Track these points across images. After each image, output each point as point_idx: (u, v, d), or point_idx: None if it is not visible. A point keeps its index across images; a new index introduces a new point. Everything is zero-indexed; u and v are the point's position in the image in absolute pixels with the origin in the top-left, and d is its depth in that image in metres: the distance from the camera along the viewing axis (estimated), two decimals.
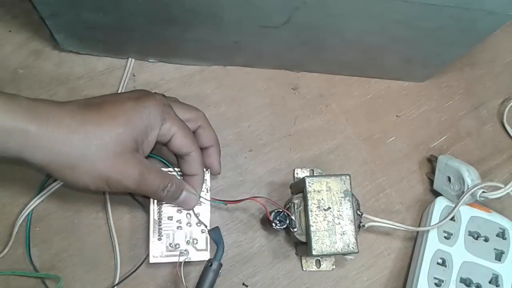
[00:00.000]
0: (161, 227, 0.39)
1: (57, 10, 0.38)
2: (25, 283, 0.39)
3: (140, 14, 0.38)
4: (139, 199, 0.41)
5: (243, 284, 0.41)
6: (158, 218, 0.39)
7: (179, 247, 0.39)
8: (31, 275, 0.39)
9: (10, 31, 0.44)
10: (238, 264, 0.42)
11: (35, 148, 0.30)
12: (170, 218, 0.39)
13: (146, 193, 0.36)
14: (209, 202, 0.40)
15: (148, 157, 0.36)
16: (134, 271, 0.39)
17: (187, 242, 0.39)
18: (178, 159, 0.38)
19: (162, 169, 0.39)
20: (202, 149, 0.39)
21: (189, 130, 0.37)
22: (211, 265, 0.38)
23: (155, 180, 0.35)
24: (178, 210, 0.39)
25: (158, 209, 0.39)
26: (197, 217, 0.39)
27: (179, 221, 0.39)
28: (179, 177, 0.39)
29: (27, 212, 0.40)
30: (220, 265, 0.38)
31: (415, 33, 0.39)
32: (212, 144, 0.39)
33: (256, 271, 0.42)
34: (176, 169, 0.39)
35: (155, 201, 0.39)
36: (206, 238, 0.39)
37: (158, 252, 0.38)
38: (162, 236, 0.39)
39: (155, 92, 0.39)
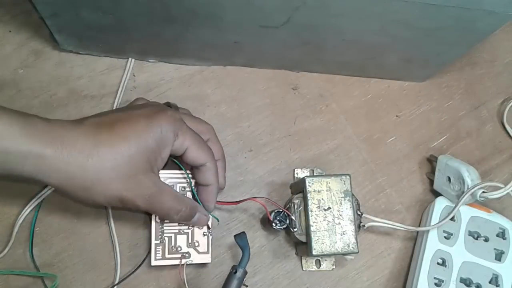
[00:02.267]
0: (162, 229, 0.39)
1: (57, 10, 0.38)
2: (25, 282, 0.39)
3: (140, 14, 0.38)
4: None
5: (243, 284, 0.41)
6: (160, 221, 0.39)
7: (180, 250, 0.39)
8: (28, 274, 0.39)
9: (10, 31, 0.44)
10: None
11: (50, 171, 0.31)
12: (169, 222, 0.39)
13: (159, 214, 0.37)
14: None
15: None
16: (134, 271, 0.40)
17: (189, 245, 0.39)
18: (193, 169, 0.39)
19: (174, 171, 0.39)
20: None
21: (203, 141, 0.37)
22: (235, 272, 0.37)
23: (169, 203, 0.35)
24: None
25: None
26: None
27: (180, 223, 0.39)
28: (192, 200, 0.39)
29: (27, 211, 0.40)
30: (245, 272, 0.37)
31: (415, 33, 0.39)
32: (219, 158, 0.39)
33: (256, 271, 0.42)
34: (190, 174, 0.39)
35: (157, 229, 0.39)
36: (208, 240, 0.39)
37: (159, 254, 0.38)
38: (163, 238, 0.39)
39: (167, 103, 0.39)
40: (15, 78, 0.43)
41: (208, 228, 0.39)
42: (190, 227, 0.39)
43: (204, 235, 0.39)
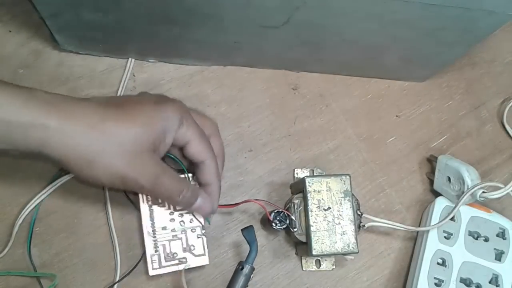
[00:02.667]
0: (155, 238, 0.38)
1: (57, 10, 0.38)
2: (25, 282, 0.39)
3: (140, 14, 0.38)
4: (132, 198, 0.41)
5: None
6: (152, 230, 0.38)
7: (177, 256, 0.38)
8: (28, 274, 0.39)
9: (10, 31, 0.44)
10: None
11: (54, 143, 0.30)
12: (164, 228, 0.39)
13: (162, 196, 0.37)
14: None
15: (164, 156, 0.36)
16: (134, 268, 0.40)
17: (184, 250, 0.39)
18: (194, 168, 0.38)
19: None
20: None
21: (206, 137, 0.37)
22: (242, 268, 0.36)
23: (172, 183, 0.35)
24: (171, 219, 0.39)
25: (151, 221, 0.39)
26: (195, 217, 0.39)
27: (173, 229, 0.39)
28: (194, 183, 0.38)
29: (27, 211, 0.40)
30: (252, 269, 0.36)
31: (415, 33, 0.39)
32: (218, 154, 0.39)
33: (256, 271, 0.42)
34: (190, 174, 0.39)
35: (147, 213, 0.38)
36: (203, 242, 0.39)
37: (156, 264, 0.38)
38: (158, 247, 0.38)
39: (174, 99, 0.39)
40: (15, 78, 0.43)
41: (202, 228, 0.39)
42: (182, 232, 0.39)
43: (198, 237, 0.39)
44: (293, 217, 0.39)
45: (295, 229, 0.39)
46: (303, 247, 0.40)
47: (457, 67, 0.50)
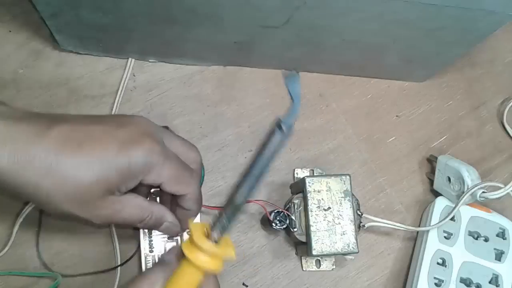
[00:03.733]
0: (151, 239, 0.39)
1: (57, 10, 0.38)
2: (25, 282, 0.39)
3: (140, 14, 0.38)
4: None
5: (243, 284, 0.41)
6: (148, 231, 0.39)
7: None
8: (28, 274, 0.39)
9: (10, 31, 0.44)
10: (238, 264, 0.42)
11: (4, 182, 0.29)
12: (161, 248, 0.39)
13: (123, 224, 0.35)
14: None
15: None
16: (129, 259, 0.40)
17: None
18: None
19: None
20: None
21: (186, 171, 0.34)
22: (280, 127, 0.26)
23: (129, 215, 0.33)
24: (169, 238, 0.39)
25: (149, 242, 0.39)
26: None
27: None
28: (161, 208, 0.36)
29: (27, 211, 0.40)
30: (290, 130, 0.26)
31: (415, 33, 0.39)
32: (192, 209, 0.36)
33: (256, 271, 0.42)
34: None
35: (144, 235, 0.39)
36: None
37: (150, 264, 0.38)
38: (153, 248, 0.39)
39: (166, 127, 0.37)
40: (15, 78, 0.43)
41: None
42: (179, 234, 0.38)
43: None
44: (293, 217, 0.39)
45: (295, 229, 0.39)
46: (303, 247, 0.40)
47: (457, 67, 0.50)
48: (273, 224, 0.39)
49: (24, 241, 0.39)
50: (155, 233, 0.39)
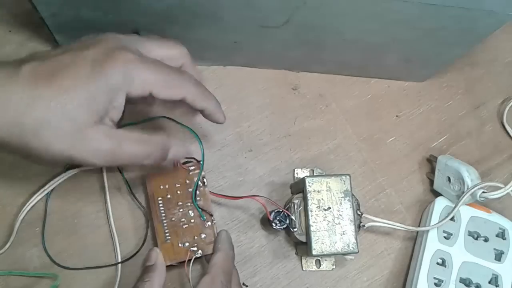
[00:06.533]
0: (166, 229, 0.39)
1: (57, 10, 0.38)
2: (25, 282, 0.39)
3: (140, 14, 0.38)
4: (139, 200, 0.41)
5: (243, 284, 0.41)
6: (162, 221, 0.39)
7: (187, 245, 0.39)
8: (28, 274, 0.39)
9: (10, 31, 0.44)
10: (238, 264, 0.42)
11: None
12: (172, 220, 0.39)
13: (124, 165, 0.33)
14: (209, 195, 0.40)
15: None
16: (137, 252, 0.40)
17: (194, 239, 0.39)
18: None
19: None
20: None
21: (174, 73, 0.32)
22: None
23: (132, 151, 0.31)
24: (181, 209, 0.39)
25: (162, 212, 0.39)
26: (200, 213, 0.39)
27: (183, 221, 0.39)
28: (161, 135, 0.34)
29: (26, 211, 0.40)
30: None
31: (415, 33, 0.39)
32: (204, 107, 0.35)
33: (256, 271, 0.42)
34: (187, 164, 0.39)
35: (157, 205, 0.39)
36: (213, 230, 0.39)
37: (168, 254, 0.38)
38: (167, 238, 0.39)
39: (121, 36, 0.33)
40: None
41: (211, 215, 0.39)
42: (191, 222, 0.39)
43: (208, 225, 0.39)
44: (293, 217, 0.39)
45: (295, 229, 0.39)
46: (303, 247, 0.40)
47: (457, 67, 0.50)
48: (273, 224, 0.39)
49: (24, 241, 0.39)
50: (169, 223, 0.39)
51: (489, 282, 0.41)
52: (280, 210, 0.39)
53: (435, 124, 0.49)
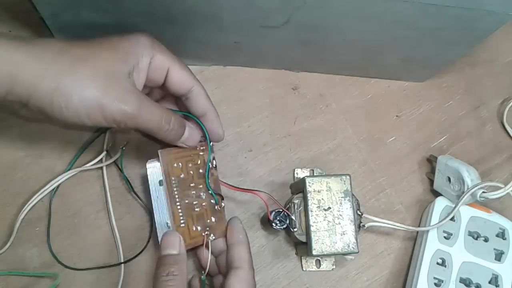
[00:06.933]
0: (180, 212, 0.37)
1: (57, 10, 0.38)
2: (25, 282, 0.39)
3: (140, 14, 0.38)
4: (141, 198, 0.41)
5: None
6: (176, 204, 0.36)
7: (200, 229, 0.37)
8: (29, 274, 0.39)
9: (10, 31, 0.44)
10: None
11: (23, 76, 0.29)
12: (186, 202, 0.37)
13: (148, 125, 0.33)
14: (218, 177, 0.40)
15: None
16: (141, 251, 0.40)
17: (206, 221, 0.38)
18: (182, 101, 0.37)
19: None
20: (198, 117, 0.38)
21: (184, 64, 0.35)
22: None
23: (157, 110, 0.33)
24: (194, 194, 0.38)
25: (176, 194, 0.37)
26: (213, 194, 0.38)
27: (195, 204, 0.37)
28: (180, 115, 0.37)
29: (26, 211, 0.40)
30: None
31: (415, 33, 0.39)
32: (207, 109, 0.37)
33: (256, 271, 0.42)
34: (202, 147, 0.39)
35: (172, 185, 0.36)
36: (223, 214, 0.39)
37: (185, 238, 0.36)
38: (182, 222, 0.37)
39: None
40: None
41: (222, 198, 0.39)
42: (203, 205, 0.38)
43: (217, 208, 0.39)
44: (293, 217, 0.39)
45: (295, 229, 0.39)
46: (303, 247, 0.40)
47: (457, 67, 0.50)
48: (273, 224, 0.39)
49: (24, 241, 0.39)
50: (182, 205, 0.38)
51: (489, 282, 0.41)
52: (280, 210, 0.39)
53: (435, 124, 0.49)
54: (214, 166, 0.40)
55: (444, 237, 0.42)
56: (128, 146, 0.42)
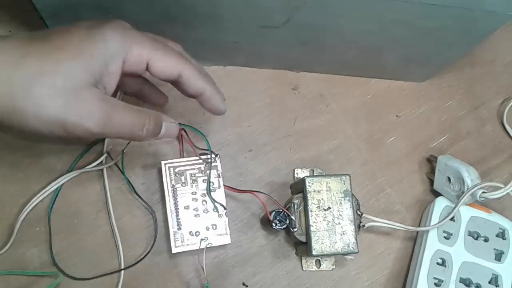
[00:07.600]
0: (179, 217, 0.39)
1: (57, 10, 0.38)
2: (25, 282, 0.39)
3: (140, 14, 0.38)
4: (145, 201, 0.41)
5: (243, 284, 0.41)
6: (175, 209, 0.39)
7: (199, 235, 0.39)
8: (29, 274, 0.39)
9: (10, 31, 0.44)
10: (238, 264, 0.42)
11: None
12: (186, 207, 0.39)
13: (120, 136, 0.31)
14: (222, 188, 0.40)
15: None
16: (141, 259, 0.40)
17: (207, 229, 0.39)
18: (175, 86, 0.34)
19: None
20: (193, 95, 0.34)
21: (169, 47, 0.32)
22: None
23: (129, 118, 0.30)
24: (194, 198, 0.39)
25: (174, 200, 0.39)
26: (213, 202, 0.40)
27: (195, 209, 0.39)
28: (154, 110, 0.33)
29: (27, 211, 0.40)
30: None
31: (415, 33, 0.39)
32: (202, 90, 0.34)
33: (256, 271, 0.42)
34: (203, 156, 0.40)
35: (170, 192, 0.39)
36: (225, 222, 0.40)
37: (178, 242, 0.39)
38: (181, 225, 0.39)
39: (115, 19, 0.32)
40: None
41: (224, 208, 0.40)
42: (205, 211, 0.39)
43: (220, 217, 0.40)
44: (293, 217, 0.39)
45: (295, 229, 0.39)
46: (303, 247, 0.40)
47: (457, 67, 0.50)
48: (273, 224, 0.39)
49: (24, 241, 0.39)
50: (182, 211, 0.39)
51: (489, 282, 0.41)
52: (280, 210, 0.39)
53: (435, 124, 0.49)
54: (219, 176, 0.40)
55: (444, 237, 0.42)
56: (129, 147, 0.42)
